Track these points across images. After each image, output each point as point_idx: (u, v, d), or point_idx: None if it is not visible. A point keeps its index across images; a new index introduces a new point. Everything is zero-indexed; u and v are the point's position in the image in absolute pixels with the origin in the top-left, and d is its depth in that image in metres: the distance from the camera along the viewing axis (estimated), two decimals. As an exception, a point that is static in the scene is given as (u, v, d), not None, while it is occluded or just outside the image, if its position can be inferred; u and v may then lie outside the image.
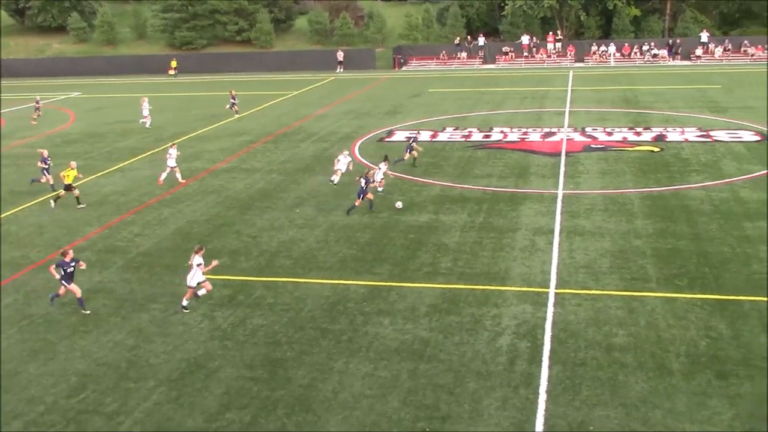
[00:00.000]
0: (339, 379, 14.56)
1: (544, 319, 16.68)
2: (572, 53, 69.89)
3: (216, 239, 22.95)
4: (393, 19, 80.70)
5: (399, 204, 25.14)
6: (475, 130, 38.21)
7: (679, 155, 31.13)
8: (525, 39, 71.16)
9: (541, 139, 35.34)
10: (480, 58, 71.60)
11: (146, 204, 27.08)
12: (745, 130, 35.81)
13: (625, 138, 34.97)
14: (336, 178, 28.37)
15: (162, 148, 36.33)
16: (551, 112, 42.72)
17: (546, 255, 20.44)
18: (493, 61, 71.01)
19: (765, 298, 17.24)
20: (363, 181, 24.65)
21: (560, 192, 26.30)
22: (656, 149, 32.32)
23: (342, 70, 70.92)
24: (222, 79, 68.52)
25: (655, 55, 67.73)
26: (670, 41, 68.91)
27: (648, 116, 40.41)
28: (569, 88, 52.37)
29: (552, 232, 22.25)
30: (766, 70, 58.90)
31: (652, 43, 68.86)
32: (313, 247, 21.89)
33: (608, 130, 36.91)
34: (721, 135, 34.84)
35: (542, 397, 13.64)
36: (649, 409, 13.17)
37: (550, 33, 72.21)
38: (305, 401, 13.86)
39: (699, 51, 67.34)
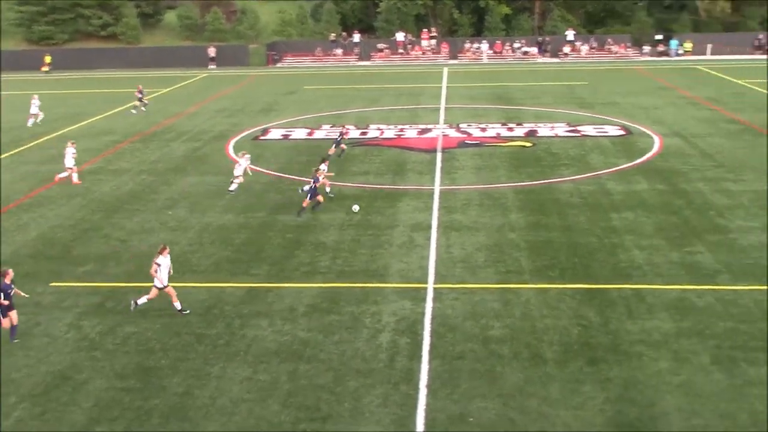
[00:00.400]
0: (216, 384, 14.34)
1: (423, 314, 16.98)
2: (446, 50, 71.37)
3: (82, 245, 22.10)
4: (266, 14, 79.99)
5: (356, 207, 24.34)
6: (351, 127, 38.41)
7: (549, 150, 32.37)
8: (400, 36, 72.11)
9: (418, 136, 35.94)
10: (355, 54, 72.03)
11: (5, 209, 25.76)
12: (610, 125, 37.63)
13: (498, 134, 36.05)
14: (234, 186, 26.76)
15: (17, 150, 34.63)
16: (427, 109, 43.50)
17: (424, 251, 20.81)
18: (369, 58, 71.59)
19: (630, 286, 18.19)
20: (312, 181, 24.11)
21: (437, 188, 26.83)
22: (528, 144, 33.49)
23: (214, 66, 69.72)
24: (96, 75, 65.95)
25: (525, 53, 70.11)
26: (540, 39, 71.51)
27: (520, 112, 41.81)
28: (444, 85, 53.48)
29: (429, 227, 22.68)
30: (628, 67, 62.11)
31: (523, 41, 71.27)
32: (187, 250, 21.45)
33: (482, 126, 37.94)
34: (588, 130, 36.46)
35: (422, 392, 13.89)
36: (526, 397, 13.65)
37: (425, 30, 73.47)
38: (181, 409, 13.57)
39: (567, 49, 70.19)
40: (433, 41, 72.69)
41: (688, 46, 68.90)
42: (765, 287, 17.95)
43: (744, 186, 26.32)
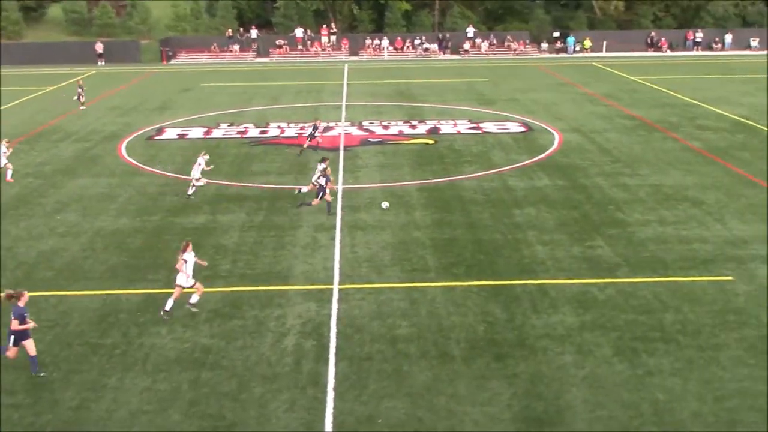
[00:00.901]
0: (114, 396, 13.94)
1: (329, 316, 16.97)
2: (347, 47, 71.50)
3: (-37, 253, 21.10)
4: (159, 9, 78.23)
5: (385, 204, 24.28)
6: (251, 125, 38.02)
7: (452, 147, 32.87)
8: (299, 32, 71.82)
9: (319, 134, 35.80)
10: (253, 51, 71.32)
11: None
12: (511, 121, 38.51)
13: (401, 131, 36.37)
14: (192, 190, 25.81)
15: None
16: (328, 106, 43.48)
17: (328, 251, 20.80)
18: (267, 55, 71.01)
19: (534, 281, 18.67)
20: (323, 180, 23.45)
21: (340, 187, 26.84)
22: (431, 141, 33.91)
23: (103, 63, 67.70)
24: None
25: (426, 49, 70.98)
26: (440, 36, 72.53)
27: (422, 109, 42.29)
28: (345, 82, 53.56)
29: (334, 227, 22.67)
30: (528, 64, 63.72)
31: (423, 38, 72.12)
32: (78, 257, 20.76)
33: (385, 123, 38.20)
34: (489, 127, 37.21)
35: (330, 395, 13.88)
36: (434, 396, 13.82)
37: (324, 26, 73.39)
38: (76, 423, 13.13)
39: (467, 45, 71.42)
40: (333, 37, 72.73)
41: (588, 43, 71.19)
42: (662, 279, 18.73)
43: (640, 180, 27.39)
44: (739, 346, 15.46)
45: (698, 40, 72.42)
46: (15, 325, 14.37)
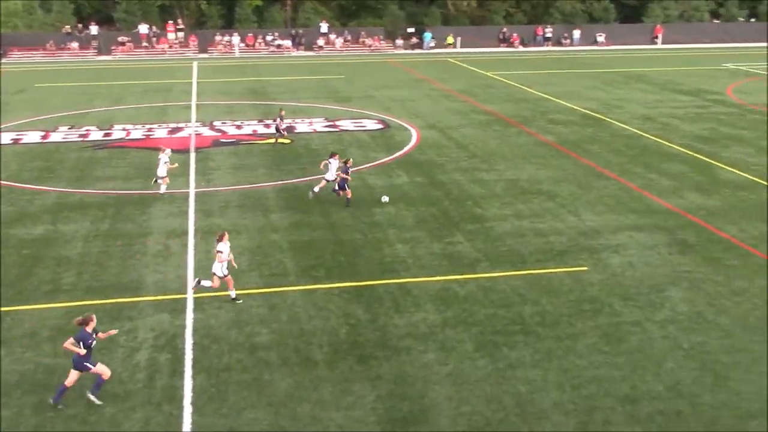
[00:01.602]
0: (-54, 427, 13.09)
1: (184, 327, 16.59)
2: (195, 44, 70.14)
3: None
4: (-15, 4, 74.07)
5: (385, 198, 25.06)
6: (93, 128, 36.64)
7: (308, 146, 32.87)
8: (143, 28, 69.84)
9: (168, 136, 35.02)
10: (94, 48, 68.75)
11: None
12: (368, 118, 38.93)
13: (255, 131, 36.05)
14: (164, 189, 25.62)
15: None
16: (177, 106, 42.51)
17: (181, 258, 20.33)
18: (109, 53, 68.63)
19: (395, 281, 18.95)
20: (342, 173, 24.39)
21: (192, 191, 26.30)
22: (287, 141, 33.76)
23: (-76, 63, 63.49)
24: None
25: (279, 46, 70.64)
26: (293, 32, 72.35)
27: (277, 108, 41.98)
28: (194, 81, 52.52)
29: (186, 233, 22.19)
30: (383, 60, 64.58)
31: (276, 34, 71.74)
32: None
33: (238, 123, 37.75)
34: (346, 124, 37.47)
35: (187, 410, 13.57)
36: (297, 403, 13.77)
37: (170, 22, 71.68)
38: None
39: (321, 42, 71.59)
40: (181, 34, 71.16)
41: (450, 39, 72.79)
42: (521, 272, 19.44)
43: (497, 175, 28.31)
44: (594, 333, 16.26)
45: (548, 35, 75.63)
46: (68, 344, 13.62)
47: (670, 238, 21.89)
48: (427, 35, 73.06)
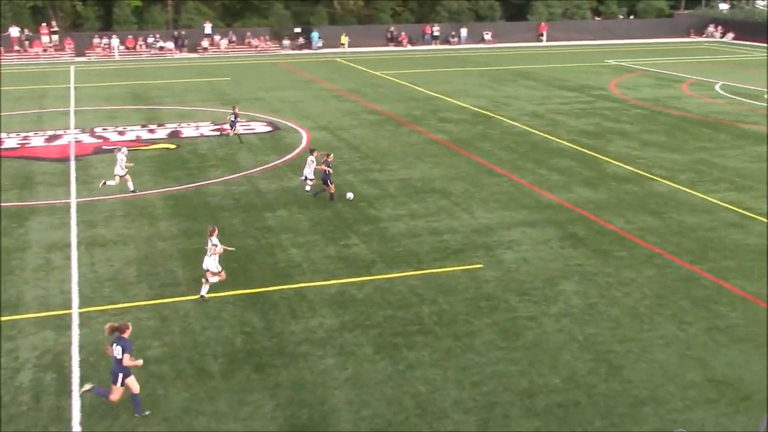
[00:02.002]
0: None
1: (70, 343, 16.06)
2: (71, 47, 67.91)
3: None
4: None
5: (350, 195, 25.64)
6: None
7: (196, 151, 32.34)
8: (14, 31, 67.10)
9: (46, 144, 33.82)
10: (-40, 53, 65.69)
11: None
12: (257, 121, 38.60)
13: (139, 137, 35.20)
14: (113, 182, 26.09)
15: None
16: (54, 113, 41.07)
17: (64, 272, 19.67)
18: (-22, 57, 65.69)
19: (291, 286, 18.86)
20: (325, 166, 25.18)
21: (73, 201, 25.49)
22: (172, 146, 33.14)
23: None
24: None
25: (161, 48, 69.22)
26: (176, 33, 71.02)
27: (161, 112, 41.18)
28: (72, 86, 50.86)
29: (69, 246, 21.48)
30: (271, 61, 64.18)
31: (158, 35, 70.25)
32: None
33: (120, 129, 36.78)
34: (235, 128, 36.97)
35: (76, 429, 13.15)
36: (193, 417, 13.53)
37: (44, 24, 69.17)
38: None
39: (205, 43, 70.54)
40: (56, 37, 68.76)
41: (344, 39, 72.75)
42: (417, 272, 19.67)
43: (390, 175, 28.55)
44: (492, 330, 16.60)
45: (436, 34, 76.74)
46: (126, 360, 13.35)
47: (562, 233, 22.57)
48: (315, 35, 73.01)
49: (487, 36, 78.30)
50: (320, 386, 14.48)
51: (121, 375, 13.40)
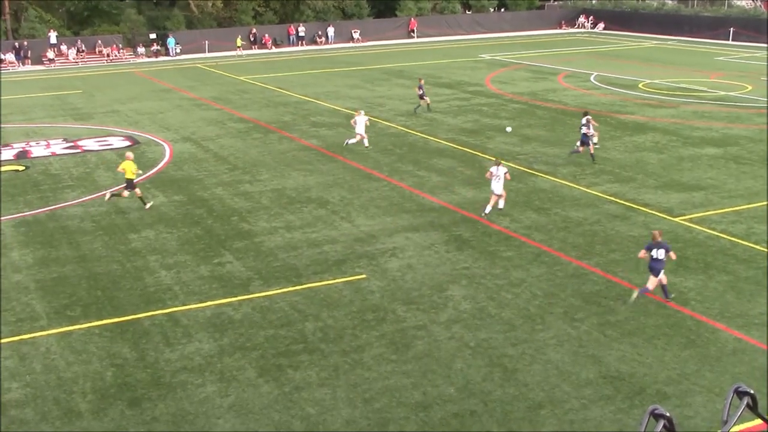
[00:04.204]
0: None
1: None
2: None
3: None
4: None
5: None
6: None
7: (48, 171, 31.24)
8: None
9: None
10: None
11: None
12: (114, 135, 37.63)
13: (-19, 159, 33.74)
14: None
15: None
16: None
17: None
18: None
19: (163, 311, 18.46)
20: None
21: None
22: (21, 168, 31.90)
23: None
24: None
25: (0, 61, 66.49)
26: (17, 44, 68.38)
27: (5, 131, 39.55)
28: None
29: None
30: (125, 70, 62.68)
31: (-4, 47, 67.52)
32: None
33: (-41, 151, 35.15)
34: (90, 144, 36.01)
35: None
36: (62, 463, 13.05)
37: None
38: None
39: (51, 54, 68.24)
40: None
41: (240, 42, 71.57)
42: (297, 287, 19.60)
43: (262, 186, 28.37)
44: (380, 343, 16.72)
45: (301, 34, 76.77)
46: (672, 256, 18.21)
47: (447, 236, 22.97)
48: (171, 41, 71.78)
49: (356, 34, 78.96)
50: (202, 416, 14.22)
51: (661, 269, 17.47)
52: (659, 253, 17.94)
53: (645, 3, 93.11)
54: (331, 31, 78.22)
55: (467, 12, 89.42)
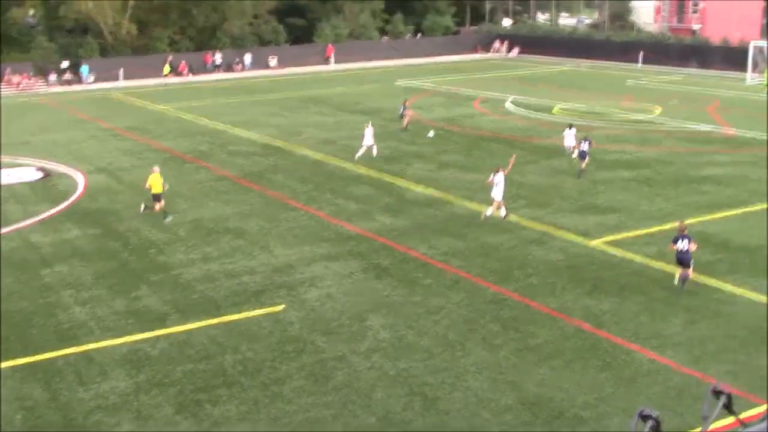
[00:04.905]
0: None
1: None
2: None
3: None
4: None
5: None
6: None
7: (-46, 206, 30.33)
8: None
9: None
10: None
11: None
12: (25, 167, 36.71)
13: None
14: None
15: None
16: None
17: None
18: None
19: (77, 349, 18.02)
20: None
21: None
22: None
23: None
24: None
25: None
26: None
27: None
28: None
29: None
30: (36, 100, 61.37)
31: None
32: None
33: None
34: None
35: None
36: None
37: None
38: None
39: (-42, 82, 66.35)
40: None
41: (167, 69, 70.63)
42: (216, 320, 19.38)
43: (179, 217, 28.00)
44: (300, 375, 16.64)
45: (218, 62, 76.29)
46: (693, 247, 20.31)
47: (365, 264, 23.03)
48: (85, 69, 70.51)
49: (273, 61, 78.81)
50: (117, 458, 13.92)
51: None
52: (684, 244, 20.29)
53: (559, 27, 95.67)
54: (248, 57, 77.92)
55: (384, 38, 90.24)
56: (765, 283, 20.99)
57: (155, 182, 27.50)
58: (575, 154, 33.87)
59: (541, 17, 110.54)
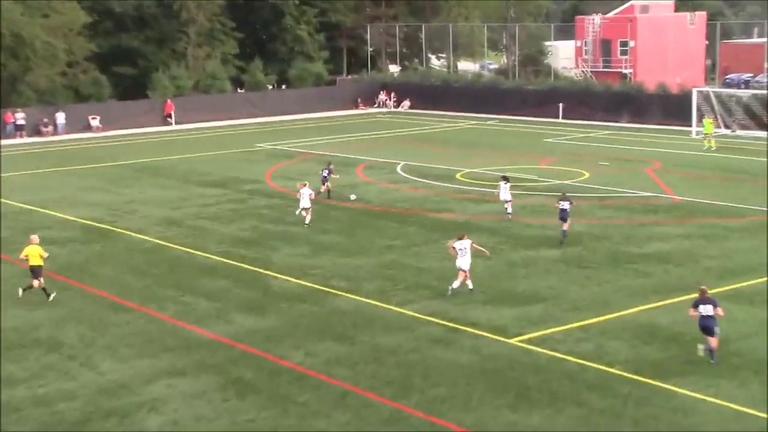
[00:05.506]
0: None
1: None
2: None
3: None
4: None
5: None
6: None
7: None
8: None
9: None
10: None
11: None
12: None
13: None
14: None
15: None
16: None
17: None
18: None
19: None
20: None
21: None
22: None
23: None
24: None
25: None
26: None
27: None
28: None
29: None
30: None
31: None
32: None
33: None
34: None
35: None
36: None
37: None
38: None
39: None
40: None
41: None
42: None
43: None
44: None
45: (21, 122, 74.85)
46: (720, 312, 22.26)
47: (223, 379, 22.57)
48: None
49: (95, 121, 77.95)
50: None
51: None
52: (707, 309, 22.19)
53: (458, 75, 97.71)
54: (61, 117, 76.80)
55: (239, 90, 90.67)
56: (731, 386, 21.42)
57: (33, 253, 27.85)
58: (509, 210, 37.22)
59: (436, 62, 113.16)
